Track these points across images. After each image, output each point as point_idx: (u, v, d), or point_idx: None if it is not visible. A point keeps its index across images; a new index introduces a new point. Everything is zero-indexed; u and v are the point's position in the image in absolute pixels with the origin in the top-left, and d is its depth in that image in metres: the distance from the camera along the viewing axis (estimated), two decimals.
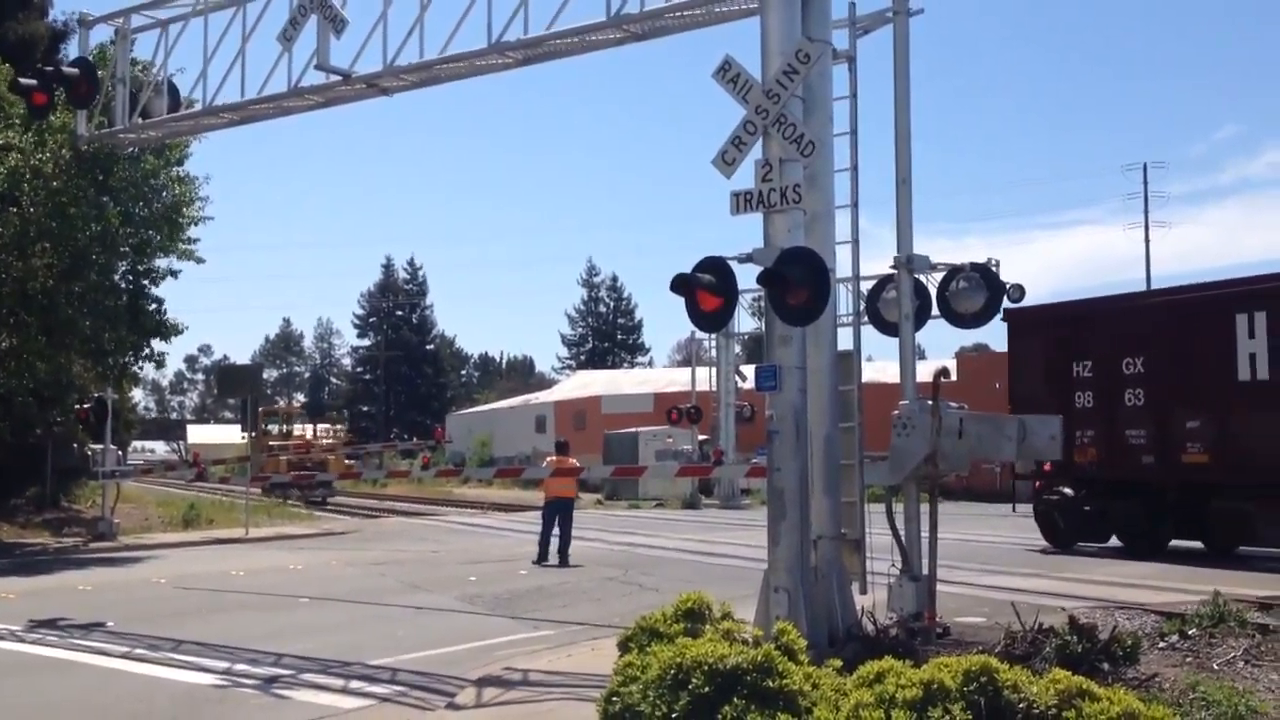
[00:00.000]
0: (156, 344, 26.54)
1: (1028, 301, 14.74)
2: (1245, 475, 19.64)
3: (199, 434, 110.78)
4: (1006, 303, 13.69)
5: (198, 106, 16.37)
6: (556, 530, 21.74)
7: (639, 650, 8.40)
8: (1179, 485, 20.92)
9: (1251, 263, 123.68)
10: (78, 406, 28.71)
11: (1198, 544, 21.46)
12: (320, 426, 62.10)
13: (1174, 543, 21.62)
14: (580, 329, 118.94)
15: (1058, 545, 22.74)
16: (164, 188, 24.87)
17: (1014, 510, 28.03)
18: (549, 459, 23.79)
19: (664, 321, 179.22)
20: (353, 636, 13.69)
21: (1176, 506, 21.26)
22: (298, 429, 58.79)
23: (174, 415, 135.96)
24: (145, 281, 25.98)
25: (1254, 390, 19.32)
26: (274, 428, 55.15)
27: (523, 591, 17.74)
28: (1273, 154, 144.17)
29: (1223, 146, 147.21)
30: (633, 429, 50.65)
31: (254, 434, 48.87)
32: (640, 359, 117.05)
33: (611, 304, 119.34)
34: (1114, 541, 22.43)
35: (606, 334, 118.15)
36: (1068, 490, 22.84)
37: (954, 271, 13.20)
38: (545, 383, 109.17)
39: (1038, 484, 23.30)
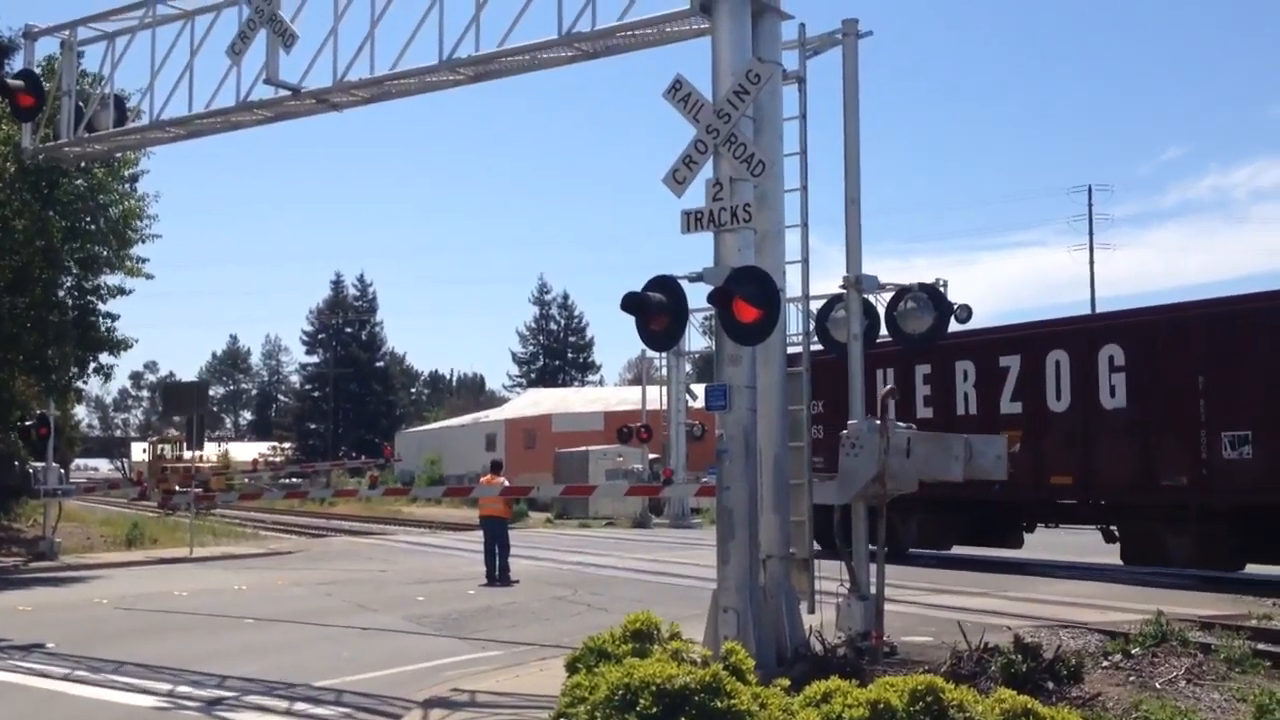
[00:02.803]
0: (104, 357, 26.22)
1: (974, 323, 14.84)
2: None
3: (143, 452, 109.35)
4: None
5: (144, 120, 16.20)
6: None
7: (587, 671, 8.37)
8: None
9: (1192, 285, 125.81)
10: (20, 423, 28.25)
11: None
12: (265, 445, 65.26)
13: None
14: (531, 347, 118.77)
15: None
16: (112, 203, 24.59)
17: None
18: (483, 478, 23.80)
19: (615, 340, 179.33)
20: (298, 658, 13.54)
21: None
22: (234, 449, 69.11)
23: (118, 433, 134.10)
24: (92, 298, 25.66)
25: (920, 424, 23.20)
26: (168, 451, 65.09)
27: (471, 611, 17.63)
28: (1215, 177, 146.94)
29: (1166, 169, 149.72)
30: (583, 448, 50.54)
31: (153, 456, 66.00)
32: (591, 377, 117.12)
33: (563, 322, 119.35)
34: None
35: (557, 352, 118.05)
36: None
37: (902, 291, 13.30)
38: (496, 401, 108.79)
39: None
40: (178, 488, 42.47)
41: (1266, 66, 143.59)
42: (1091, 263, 66.54)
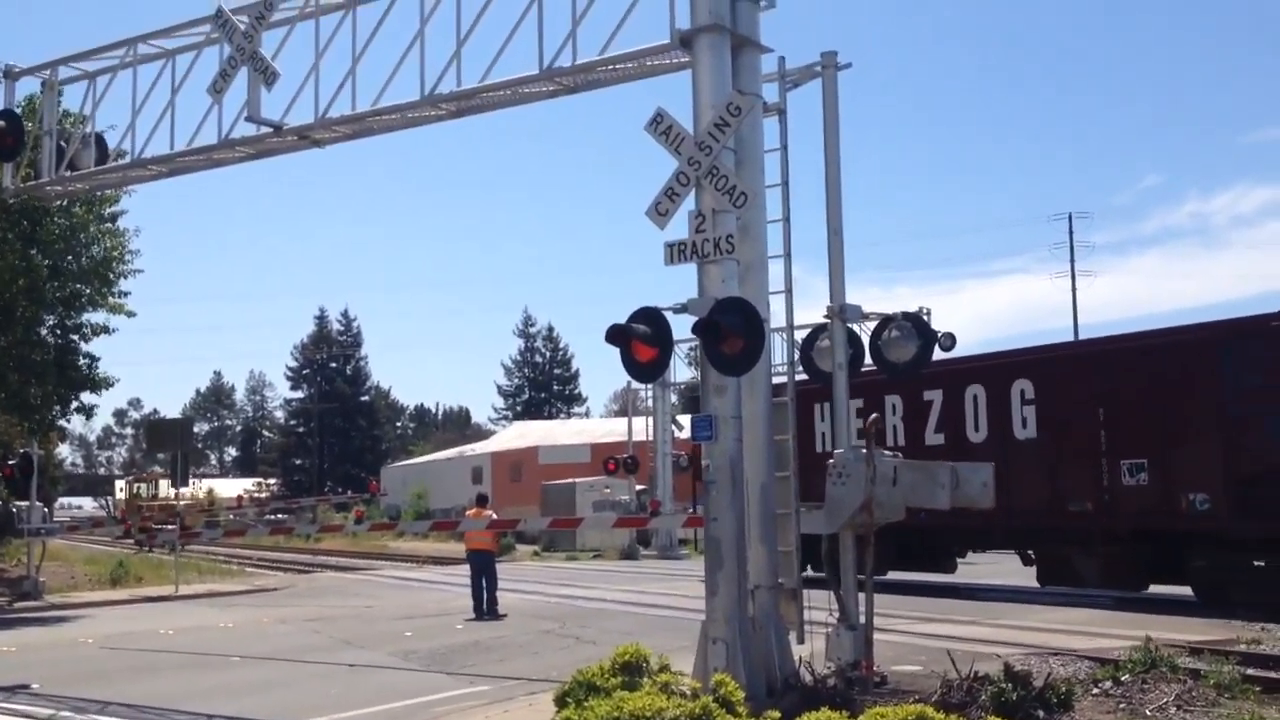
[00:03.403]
0: (86, 396, 26.14)
1: (958, 351, 14.88)
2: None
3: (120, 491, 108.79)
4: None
5: (126, 159, 16.19)
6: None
7: (576, 705, 8.33)
8: None
9: (1173, 310, 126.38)
10: (3, 463, 28.09)
11: None
12: (250, 481, 65.79)
13: None
14: (517, 379, 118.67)
15: None
16: (93, 241, 24.55)
17: None
18: (469, 512, 23.76)
19: (601, 371, 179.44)
20: (284, 696, 13.44)
21: None
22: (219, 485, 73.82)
23: (102, 470, 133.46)
24: (74, 336, 25.59)
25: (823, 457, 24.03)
26: (143, 490, 66.67)
27: (458, 646, 17.53)
28: (1194, 204, 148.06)
29: (1146, 196, 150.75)
30: (570, 480, 50.46)
31: (129, 495, 68.11)
32: (577, 409, 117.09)
33: (548, 354, 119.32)
34: None
35: (543, 384, 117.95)
36: None
37: (886, 320, 13.31)
38: (482, 434, 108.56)
39: None
40: (154, 526, 42.55)
41: (1244, 93, 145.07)
42: (1074, 290, 66.78)
